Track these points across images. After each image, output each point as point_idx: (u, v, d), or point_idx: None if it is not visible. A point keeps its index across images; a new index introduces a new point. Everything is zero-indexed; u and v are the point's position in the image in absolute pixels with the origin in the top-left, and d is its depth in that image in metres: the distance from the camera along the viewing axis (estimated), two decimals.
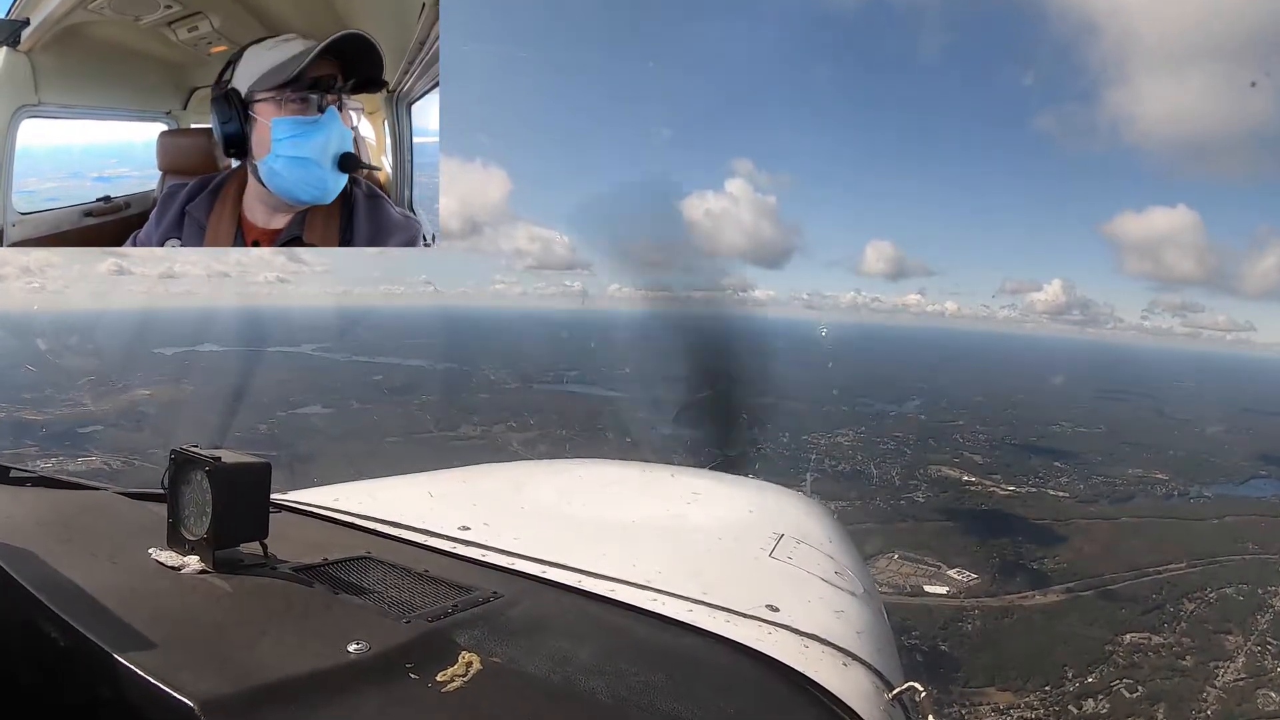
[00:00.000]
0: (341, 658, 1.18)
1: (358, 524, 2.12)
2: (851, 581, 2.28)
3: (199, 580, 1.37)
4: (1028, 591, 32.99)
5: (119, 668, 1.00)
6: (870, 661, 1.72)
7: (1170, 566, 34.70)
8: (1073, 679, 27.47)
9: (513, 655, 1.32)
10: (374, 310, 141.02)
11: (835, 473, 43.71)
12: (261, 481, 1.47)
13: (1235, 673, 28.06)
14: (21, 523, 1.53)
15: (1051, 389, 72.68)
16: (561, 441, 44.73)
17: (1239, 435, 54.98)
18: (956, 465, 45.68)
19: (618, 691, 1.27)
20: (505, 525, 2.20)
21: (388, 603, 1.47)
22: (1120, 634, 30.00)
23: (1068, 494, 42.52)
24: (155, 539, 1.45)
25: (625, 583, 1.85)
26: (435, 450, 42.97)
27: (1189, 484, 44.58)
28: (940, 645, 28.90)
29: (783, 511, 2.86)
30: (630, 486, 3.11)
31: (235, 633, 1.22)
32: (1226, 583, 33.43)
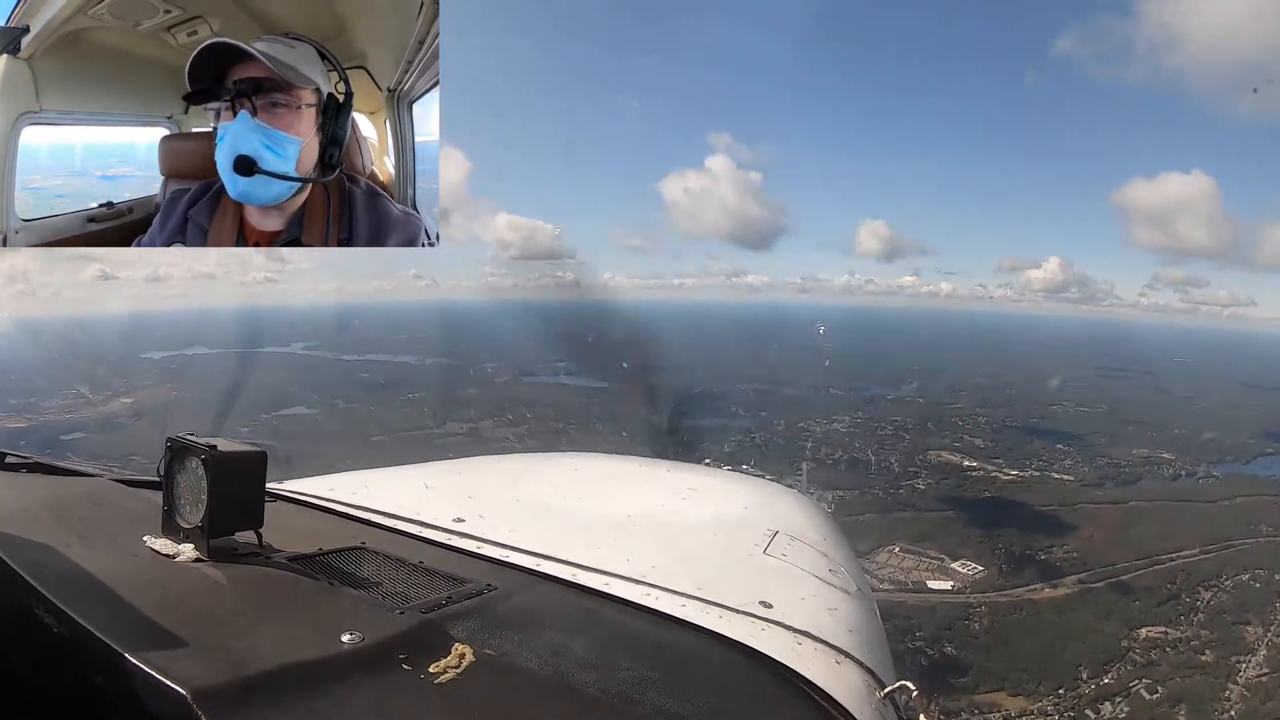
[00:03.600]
0: (335, 648, 1.17)
1: (353, 514, 2.12)
2: (845, 579, 2.28)
3: (193, 569, 1.37)
4: (1037, 584, 32.04)
5: (112, 655, 1.00)
6: (862, 659, 1.73)
7: (1183, 553, 33.81)
8: (1088, 680, 26.46)
9: (506, 648, 1.33)
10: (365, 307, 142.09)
11: (832, 461, 43.48)
12: (257, 470, 1.47)
13: (1257, 667, 27.12)
14: (16, 508, 1.53)
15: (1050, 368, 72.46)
16: (554, 435, 44.42)
17: (1242, 412, 54.55)
18: (957, 450, 45.03)
19: (610, 685, 1.29)
20: (500, 518, 2.20)
21: (382, 594, 1.47)
22: (1136, 628, 29.09)
23: (1072, 477, 41.79)
24: (150, 526, 1.46)
25: (619, 577, 1.86)
26: (419, 449, 42.81)
27: (1195, 463, 43.95)
28: (946, 648, 27.94)
29: (778, 508, 2.84)
30: (626, 481, 3.10)
31: (229, 622, 1.22)
32: (1242, 569, 32.57)
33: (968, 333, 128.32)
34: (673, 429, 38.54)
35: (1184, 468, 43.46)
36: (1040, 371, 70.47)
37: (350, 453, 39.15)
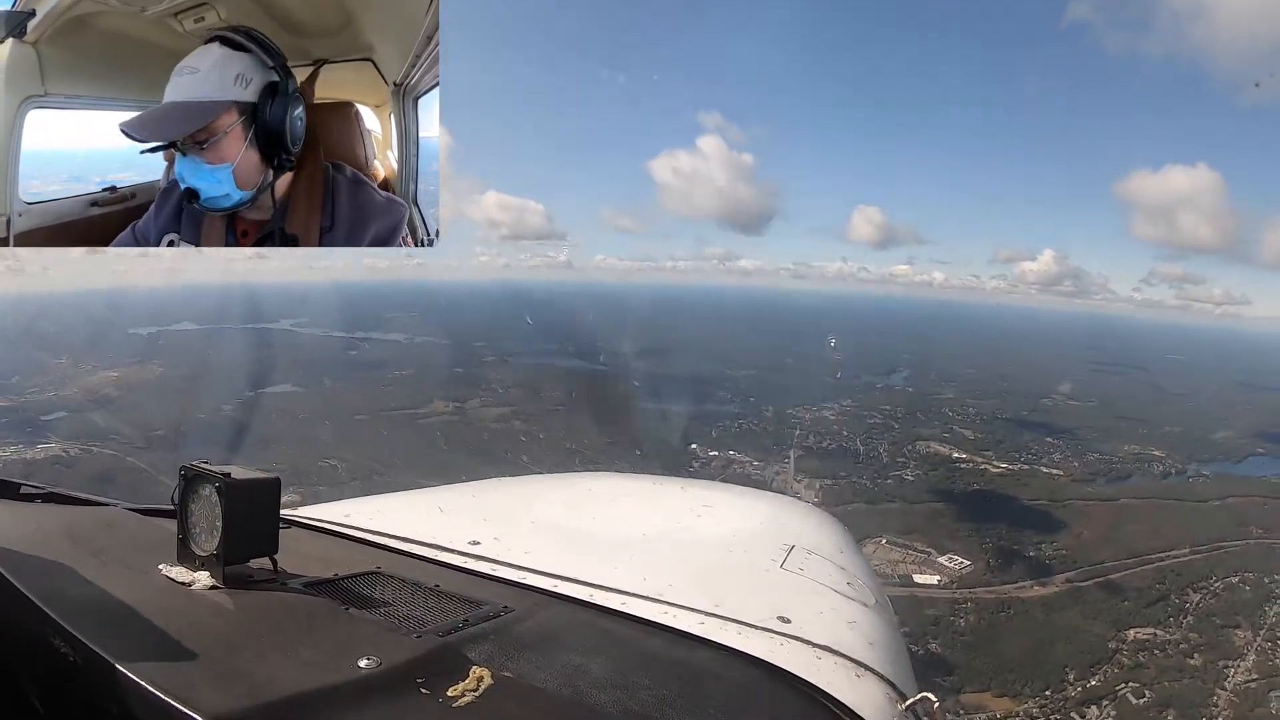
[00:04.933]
0: (352, 673, 1.17)
1: (368, 539, 2.11)
2: (863, 592, 2.27)
3: (209, 596, 1.38)
4: (1025, 582, 31.66)
5: (128, 683, 1.01)
6: (883, 672, 1.73)
7: (1173, 553, 33.49)
8: (1075, 682, 26.06)
9: (524, 669, 1.33)
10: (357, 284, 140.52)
11: (820, 449, 43.23)
12: (272, 497, 1.47)
13: (1246, 673, 26.83)
14: (31, 538, 1.53)
15: (1042, 361, 72.29)
16: (541, 417, 43.98)
17: (1234, 411, 54.41)
18: (946, 441, 44.67)
19: (630, 705, 1.29)
20: (516, 539, 2.20)
21: (398, 618, 1.48)
22: (1124, 630, 28.67)
23: (1062, 472, 41.45)
24: (165, 555, 1.46)
25: (636, 596, 1.86)
26: (402, 429, 42.58)
27: (1186, 462, 43.73)
28: (932, 645, 27.53)
29: (793, 523, 2.83)
30: (641, 499, 3.08)
31: (245, 648, 1.21)
32: (1232, 571, 32.29)
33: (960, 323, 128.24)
34: (664, 415, 38.44)
35: (1175, 466, 43.26)
36: (1032, 364, 70.53)
37: (329, 433, 39.45)
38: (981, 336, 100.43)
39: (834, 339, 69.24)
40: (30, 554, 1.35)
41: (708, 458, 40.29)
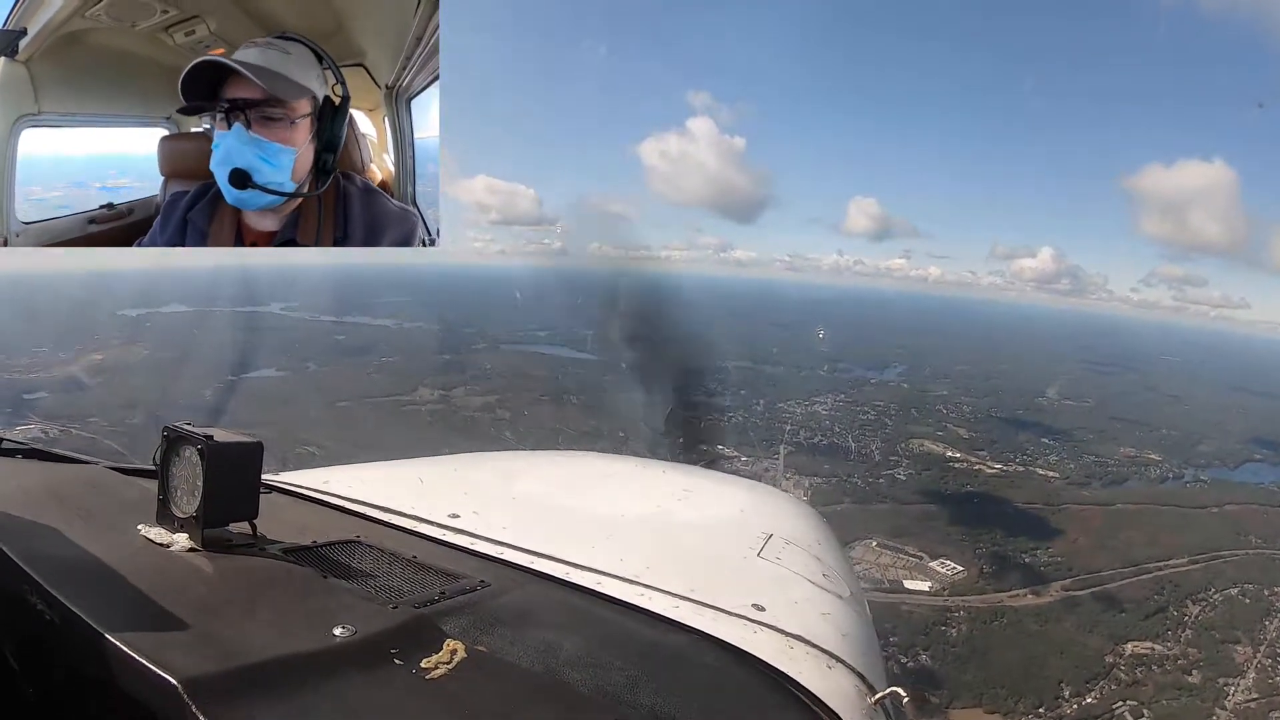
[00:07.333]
0: (327, 640, 1.18)
1: (348, 508, 2.11)
2: (838, 584, 2.28)
3: (187, 558, 1.38)
4: (1018, 590, 30.87)
5: (103, 643, 1.02)
6: (854, 664, 1.74)
7: (1171, 562, 32.79)
8: (1070, 698, 25.27)
9: (498, 644, 1.34)
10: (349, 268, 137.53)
11: (811, 445, 42.44)
12: (253, 461, 1.46)
13: (1246, 691, 26.17)
14: (10, 494, 1.53)
15: (1037, 359, 71.47)
16: (527, 406, 42.96)
17: (1230, 415, 53.98)
18: (940, 439, 44.03)
19: (601, 684, 1.30)
20: (495, 515, 2.20)
21: (375, 587, 1.48)
22: (1121, 643, 27.89)
23: (1058, 474, 40.87)
24: (145, 515, 1.46)
25: (613, 576, 1.86)
26: (385, 416, 41.73)
27: (1183, 466, 43.19)
28: (921, 656, 26.71)
29: (773, 512, 2.83)
30: (622, 481, 3.09)
31: (221, 612, 1.22)
32: (1231, 582, 31.58)
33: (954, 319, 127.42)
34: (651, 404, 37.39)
35: (1171, 470, 42.69)
36: (1028, 362, 69.66)
37: (310, 418, 38.27)
38: (976, 333, 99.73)
39: (822, 331, 68.04)
40: (8, 510, 1.36)
41: (696, 452, 39.13)
